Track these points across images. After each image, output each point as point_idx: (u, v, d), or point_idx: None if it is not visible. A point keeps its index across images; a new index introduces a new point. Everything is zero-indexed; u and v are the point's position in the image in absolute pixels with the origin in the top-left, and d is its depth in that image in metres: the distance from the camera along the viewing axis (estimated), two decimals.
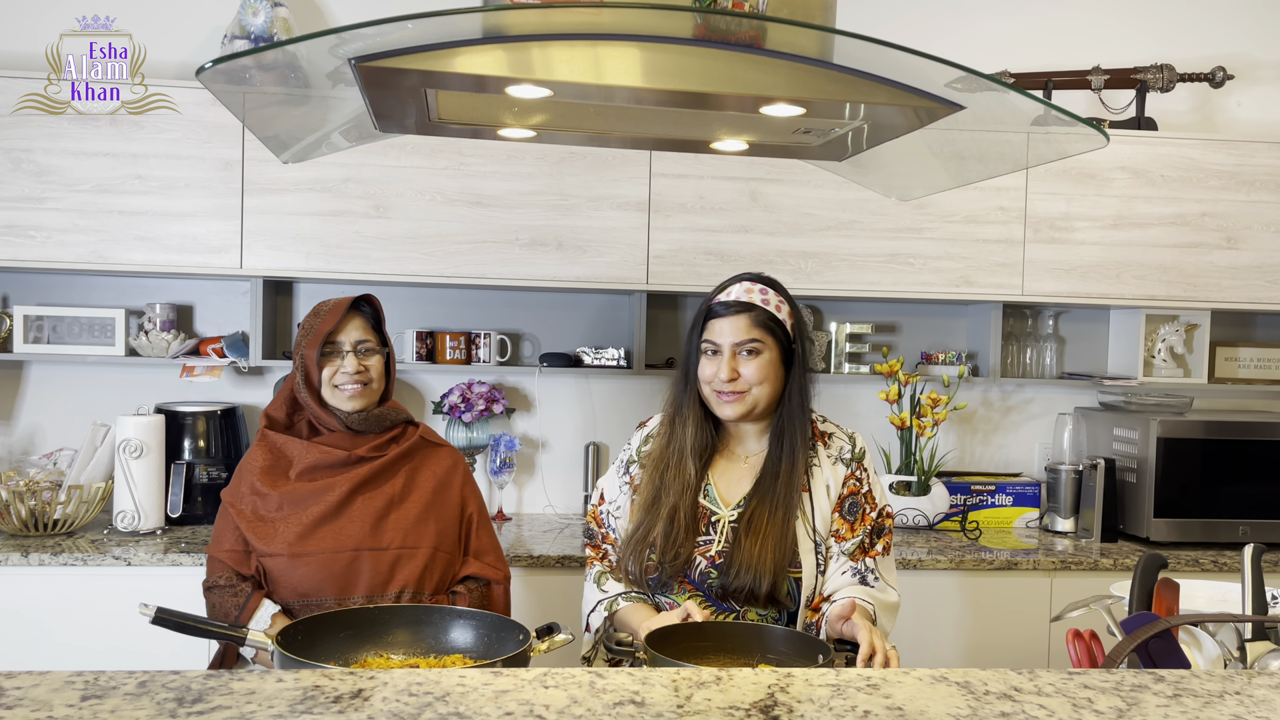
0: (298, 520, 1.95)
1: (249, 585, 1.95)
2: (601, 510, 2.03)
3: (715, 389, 1.88)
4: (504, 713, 1.00)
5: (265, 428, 2.07)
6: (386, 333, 2.12)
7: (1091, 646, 1.61)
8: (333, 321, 2.02)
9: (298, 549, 1.93)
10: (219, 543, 2.01)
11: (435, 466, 2.09)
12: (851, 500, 1.91)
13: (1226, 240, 3.22)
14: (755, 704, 1.05)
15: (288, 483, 1.99)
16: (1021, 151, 1.92)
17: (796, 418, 1.90)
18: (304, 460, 2.00)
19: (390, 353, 2.12)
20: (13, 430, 3.16)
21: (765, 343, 1.88)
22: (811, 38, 1.51)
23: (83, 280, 3.15)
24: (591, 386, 3.36)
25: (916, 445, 3.22)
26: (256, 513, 1.98)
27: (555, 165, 2.98)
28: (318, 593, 1.93)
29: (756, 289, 1.91)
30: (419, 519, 2.00)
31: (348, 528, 1.95)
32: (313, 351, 2.00)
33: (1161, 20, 3.49)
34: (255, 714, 0.97)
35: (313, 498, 1.97)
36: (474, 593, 2.04)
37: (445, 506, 2.06)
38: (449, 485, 2.09)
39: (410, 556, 1.96)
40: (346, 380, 2.02)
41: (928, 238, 3.11)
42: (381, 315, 2.12)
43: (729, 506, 1.89)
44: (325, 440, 2.03)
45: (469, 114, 1.81)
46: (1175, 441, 3.08)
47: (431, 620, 1.67)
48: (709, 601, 1.85)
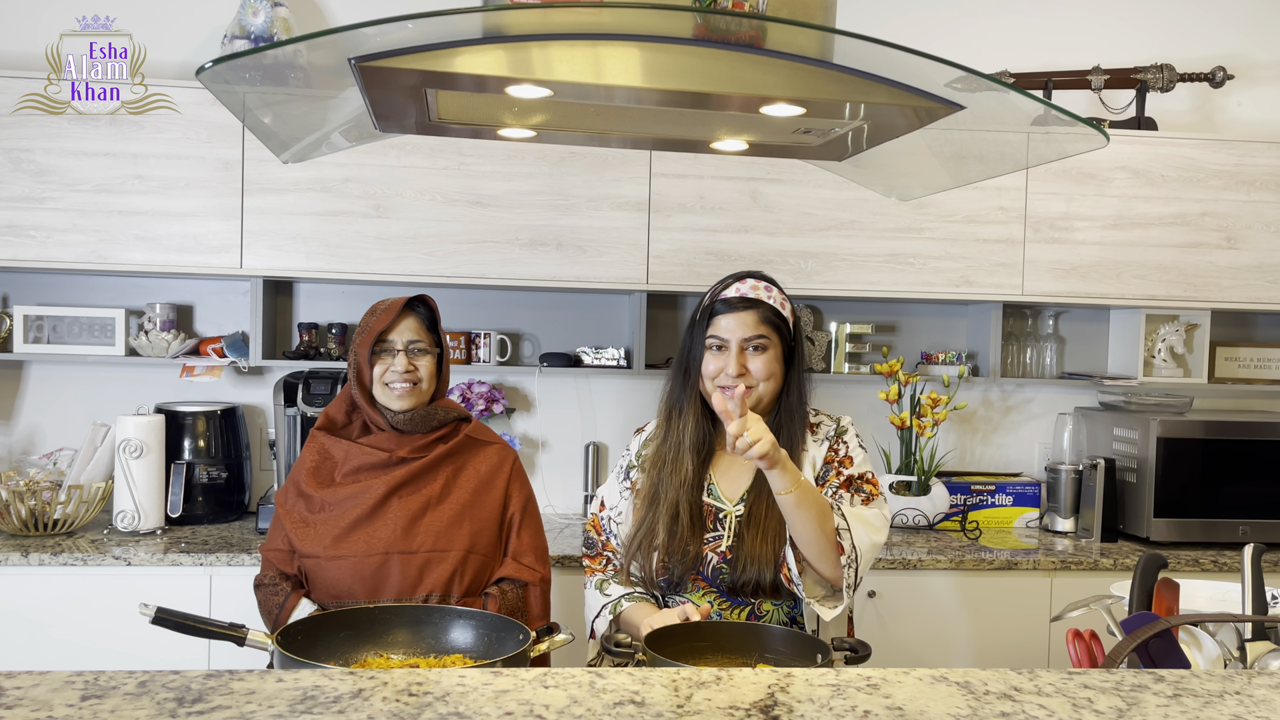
0: (335, 523, 1.96)
1: (289, 585, 1.96)
2: (602, 517, 2.03)
3: (721, 385, 1.89)
4: (504, 713, 1.00)
5: (318, 428, 2.08)
6: (442, 333, 2.11)
7: (1091, 646, 1.61)
8: (386, 320, 2.02)
9: (332, 551, 1.93)
10: (270, 540, 2.04)
11: (479, 465, 2.07)
12: (825, 467, 1.93)
13: (1226, 240, 3.22)
14: (755, 704, 1.05)
15: (331, 484, 2.00)
16: (1021, 151, 1.92)
17: (795, 413, 1.92)
18: (349, 462, 2.01)
19: (444, 353, 2.11)
20: (13, 430, 3.16)
21: (771, 339, 1.90)
22: (811, 37, 1.51)
23: (83, 280, 3.15)
24: (591, 386, 3.36)
25: (916, 445, 3.22)
26: (300, 514, 1.99)
27: (555, 165, 2.98)
28: (349, 595, 1.93)
29: (762, 286, 1.93)
30: (453, 521, 1.99)
31: (380, 531, 1.95)
32: (365, 350, 2.01)
33: (1161, 20, 3.49)
34: (255, 714, 0.97)
35: (351, 500, 1.97)
36: (508, 595, 1.99)
37: (485, 507, 2.04)
38: (491, 485, 2.06)
39: (440, 560, 1.95)
40: (396, 379, 2.01)
41: (928, 238, 3.11)
42: (437, 315, 2.11)
43: (733, 502, 1.91)
44: (371, 441, 2.03)
45: (469, 114, 1.81)
46: (1175, 441, 3.08)
47: (431, 620, 1.68)
48: (722, 596, 1.87)
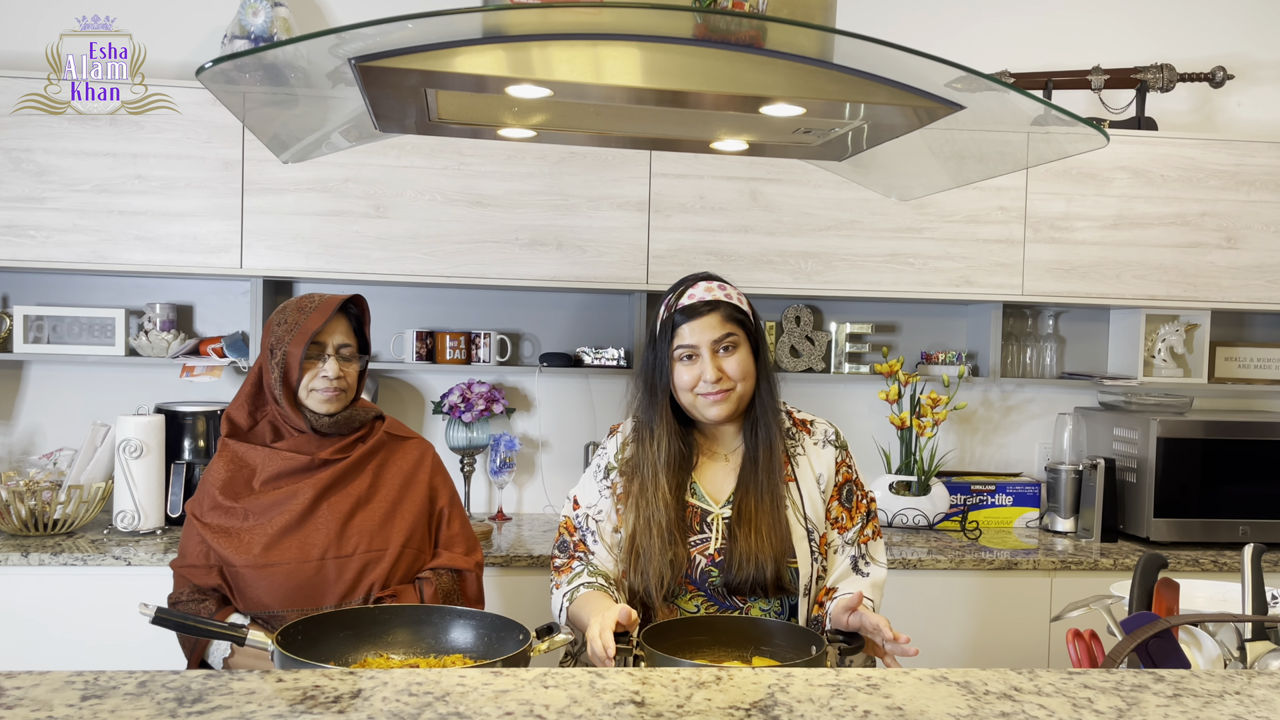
0: (263, 530, 1.90)
1: (211, 601, 1.90)
2: (576, 517, 1.94)
3: (700, 392, 1.84)
4: (504, 713, 1.00)
5: (226, 435, 1.99)
6: (369, 337, 2.05)
7: (1091, 646, 1.61)
8: (320, 321, 1.93)
9: (263, 560, 1.87)
10: (182, 556, 1.96)
11: (401, 461, 2.04)
12: (848, 487, 1.92)
13: (1226, 240, 3.22)
14: (755, 704, 1.05)
15: (251, 493, 1.93)
16: (1021, 151, 1.92)
17: (769, 406, 1.89)
18: (267, 469, 1.94)
19: (367, 359, 2.05)
20: (13, 430, 3.16)
21: (739, 335, 1.86)
22: (811, 38, 1.51)
23: (83, 280, 3.15)
24: (591, 386, 3.36)
25: (916, 445, 3.22)
26: (220, 525, 1.92)
27: (555, 165, 2.98)
28: (284, 603, 1.88)
29: (715, 285, 1.89)
30: (384, 519, 1.96)
31: (313, 536, 1.90)
32: (297, 350, 1.91)
33: (1161, 20, 3.49)
34: (255, 714, 0.97)
35: (277, 507, 1.91)
36: (443, 579, 1.97)
37: (413, 501, 2.01)
38: (415, 479, 2.03)
39: (378, 560, 1.92)
40: (325, 385, 1.94)
41: (928, 238, 3.11)
42: (367, 318, 2.04)
43: (719, 504, 1.88)
44: (288, 445, 1.96)
45: (469, 114, 1.81)
46: (1175, 441, 3.08)
47: (431, 620, 1.67)
48: (711, 600, 1.85)
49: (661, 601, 1.83)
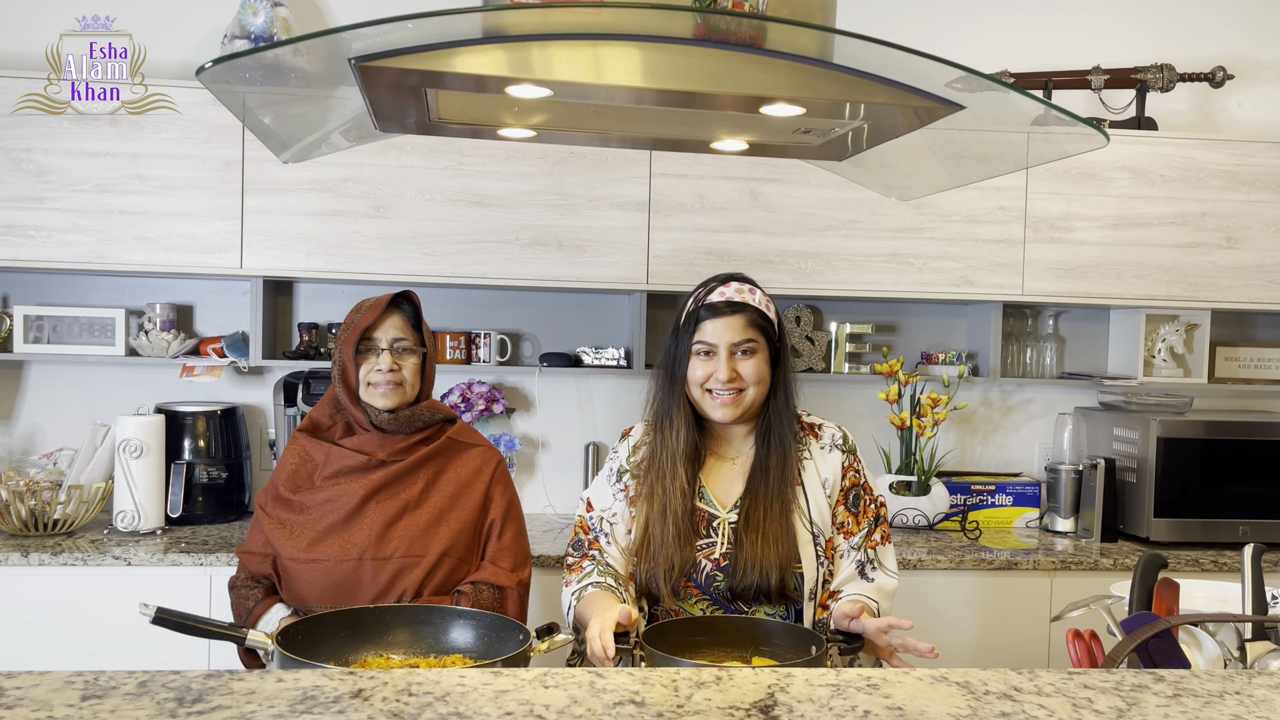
0: (312, 526, 1.95)
1: (261, 590, 1.96)
2: (591, 518, 1.96)
3: (710, 389, 1.86)
4: (504, 713, 1.00)
5: (300, 429, 2.06)
6: (426, 331, 2.08)
7: (1091, 646, 1.61)
8: (371, 318, 2.00)
9: (306, 555, 1.92)
10: (247, 542, 2.03)
11: (460, 468, 2.04)
12: (855, 492, 1.92)
13: (1226, 240, 3.22)
14: (755, 704, 1.05)
15: (311, 487, 1.99)
16: (1021, 151, 1.92)
17: (784, 415, 1.89)
18: (329, 465, 2.00)
19: (429, 353, 2.08)
20: (13, 430, 3.16)
21: (759, 342, 1.87)
22: (811, 37, 1.51)
23: (83, 280, 3.15)
24: (591, 386, 3.36)
25: (916, 445, 3.22)
26: (279, 516, 1.98)
27: (555, 165, 2.98)
28: (321, 600, 1.91)
29: (746, 288, 1.90)
30: (429, 525, 1.96)
31: (356, 535, 1.93)
32: (349, 348, 1.99)
33: (1161, 20, 3.49)
34: (255, 714, 0.97)
35: (329, 504, 1.96)
36: (482, 594, 1.96)
37: (463, 510, 2.00)
38: (470, 488, 2.03)
39: (414, 566, 1.92)
40: (380, 379, 1.99)
41: (928, 238, 3.11)
42: (421, 313, 2.09)
43: (726, 508, 1.88)
44: (352, 443, 2.01)
45: (469, 114, 1.81)
46: (1175, 441, 3.08)
47: (431, 620, 1.67)
48: (715, 604, 1.84)
49: (669, 592, 1.82)
